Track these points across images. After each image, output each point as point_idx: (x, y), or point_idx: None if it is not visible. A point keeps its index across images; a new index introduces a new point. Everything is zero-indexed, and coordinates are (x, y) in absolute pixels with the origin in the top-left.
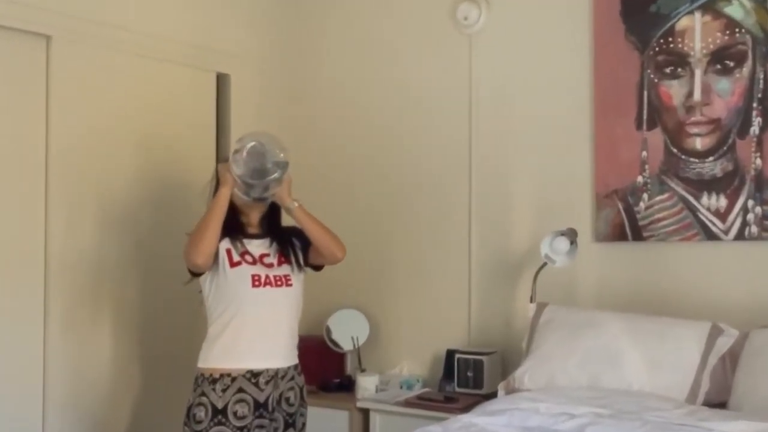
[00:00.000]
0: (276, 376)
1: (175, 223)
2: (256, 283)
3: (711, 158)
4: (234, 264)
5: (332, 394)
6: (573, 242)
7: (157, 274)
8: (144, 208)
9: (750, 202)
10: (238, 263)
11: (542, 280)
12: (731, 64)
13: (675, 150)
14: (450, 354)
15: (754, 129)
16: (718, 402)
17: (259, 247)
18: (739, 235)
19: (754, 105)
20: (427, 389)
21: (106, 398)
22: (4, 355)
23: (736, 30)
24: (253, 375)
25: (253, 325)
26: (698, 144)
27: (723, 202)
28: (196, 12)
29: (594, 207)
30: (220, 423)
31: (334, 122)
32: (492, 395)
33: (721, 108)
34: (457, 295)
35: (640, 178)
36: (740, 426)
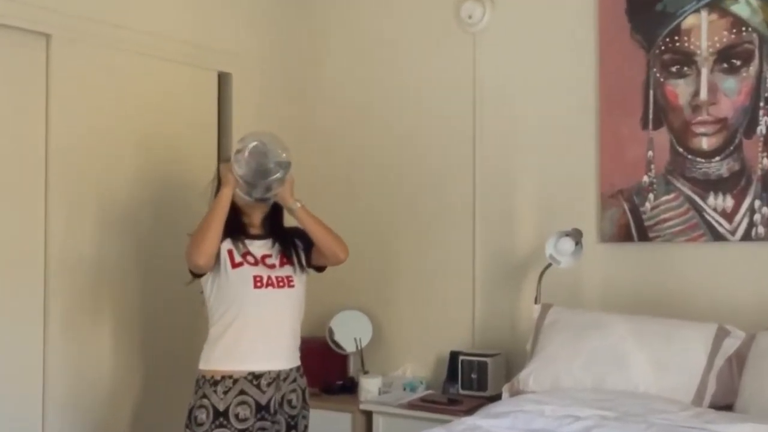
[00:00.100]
0: (278, 378)
1: (176, 223)
2: (258, 284)
3: (717, 158)
4: (236, 265)
5: (335, 396)
6: (578, 243)
7: (157, 275)
8: (145, 208)
9: (757, 203)
10: (239, 264)
11: (547, 281)
12: (738, 63)
13: (681, 150)
14: (454, 356)
15: (761, 128)
16: (725, 404)
17: (261, 247)
18: (746, 236)
19: (761, 104)
20: (430, 391)
21: (107, 400)
22: (4, 355)
23: (743, 29)
24: (255, 377)
25: (254, 326)
26: (704, 144)
27: (729, 202)
28: (197, 10)
29: (599, 207)
30: (221, 425)
31: (336, 121)
32: (496, 397)
33: (727, 107)
34: (460, 296)
35: (645, 178)
36: (747, 428)
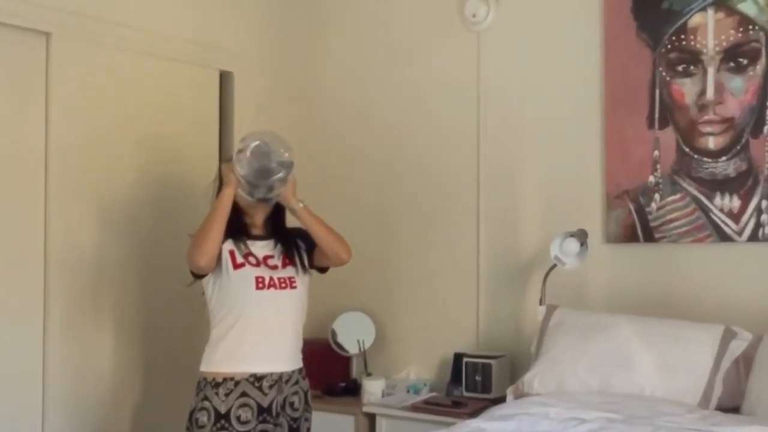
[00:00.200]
0: (280, 380)
1: (177, 224)
2: (260, 285)
3: (724, 158)
4: (237, 266)
5: (337, 398)
6: (583, 243)
7: (158, 276)
8: (145, 209)
9: (764, 203)
10: (241, 265)
11: (552, 282)
12: (744, 61)
13: (687, 149)
14: (458, 357)
15: None
16: (732, 406)
17: (263, 248)
18: (753, 237)
19: None
20: (434, 394)
21: (107, 401)
22: (4, 355)
23: (750, 27)
24: (257, 379)
25: (256, 328)
26: (711, 143)
27: (736, 202)
28: (199, 9)
29: (604, 207)
30: (223, 428)
31: (339, 121)
32: (501, 400)
33: (734, 107)
34: (465, 298)
35: (651, 178)
36: (754, 431)
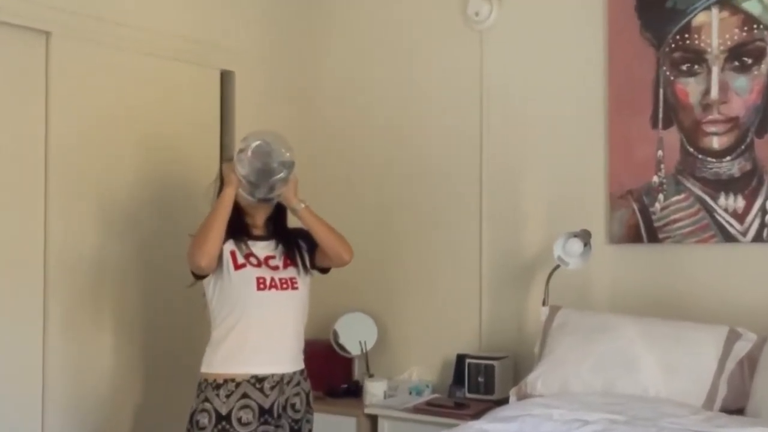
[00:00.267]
0: (281, 381)
1: (178, 224)
2: (261, 286)
3: (728, 158)
4: (238, 266)
5: (339, 400)
6: (587, 244)
7: (159, 276)
8: (145, 209)
9: None
10: (242, 265)
11: (555, 283)
12: (749, 61)
13: (691, 149)
14: (460, 359)
15: None
16: (736, 408)
17: (264, 249)
18: (758, 237)
19: None
20: (436, 395)
21: (107, 402)
22: (3, 356)
23: (754, 26)
24: (258, 380)
25: (257, 329)
26: (715, 143)
27: (741, 202)
28: (199, 7)
29: (608, 208)
30: (223, 429)
31: (341, 120)
32: (503, 401)
33: (738, 106)
34: (467, 298)
35: (655, 178)
36: None
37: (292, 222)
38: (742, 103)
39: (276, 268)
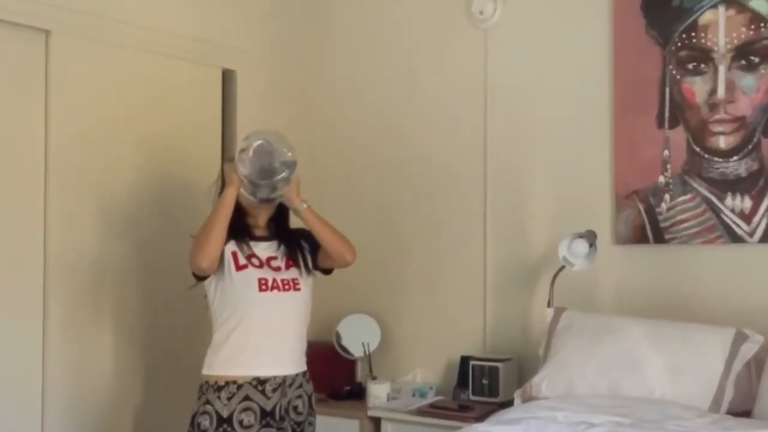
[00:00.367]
0: (283, 383)
1: (179, 224)
2: (263, 287)
3: (735, 157)
4: (240, 267)
5: (342, 402)
6: (592, 245)
7: (159, 278)
8: (146, 209)
9: None
10: (244, 266)
11: (560, 284)
12: (756, 59)
13: (698, 149)
14: (464, 360)
15: None
16: (743, 410)
17: (266, 249)
18: (765, 238)
19: None
20: (440, 397)
21: (107, 405)
22: (3, 356)
23: (762, 24)
24: (260, 382)
25: (259, 330)
26: (722, 143)
27: (748, 203)
28: (201, 5)
29: (614, 208)
30: None
31: (343, 120)
32: (508, 403)
33: (745, 105)
34: (471, 300)
35: (661, 178)
36: None
37: (295, 222)
38: (749, 102)
39: (278, 269)
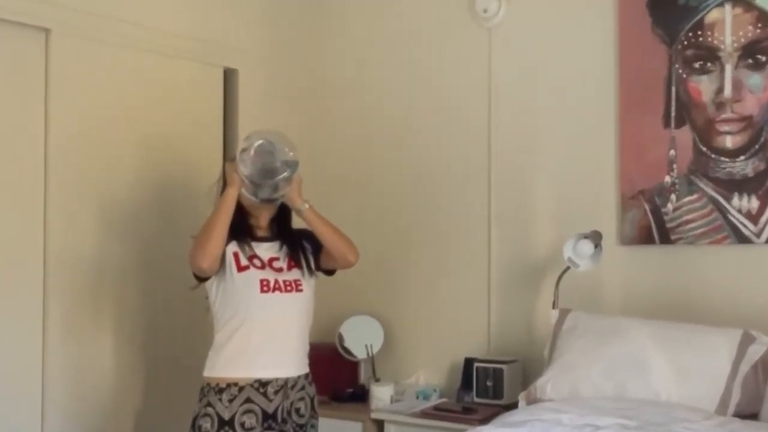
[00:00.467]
0: (285, 385)
1: (180, 225)
2: (265, 288)
3: (742, 157)
4: (242, 268)
5: (345, 404)
6: (597, 245)
7: (160, 278)
8: (147, 209)
9: None
10: (245, 267)
11: (565, 285)
12: (763, 58)
13: (704, 149)
14: (468, 362)
15: None
16: (750, 413)
17: (268, 250)
18: None
19: None
20: (444, 399)
21: (107, 404)
22: (3, 356)
23: None
24: (262, 384)
25: (261, 332)
26: (729, 142)
27: (755, 203)
28: (202, 4)
29: (619, 208)
30: None
31: (346, 119)
32: (512, 406)
33: (752, 104)
34: (475, 301)
35: (667, 178)
36: None
37: (297, 223)
38: (756, 101)
39: (280, 270)
